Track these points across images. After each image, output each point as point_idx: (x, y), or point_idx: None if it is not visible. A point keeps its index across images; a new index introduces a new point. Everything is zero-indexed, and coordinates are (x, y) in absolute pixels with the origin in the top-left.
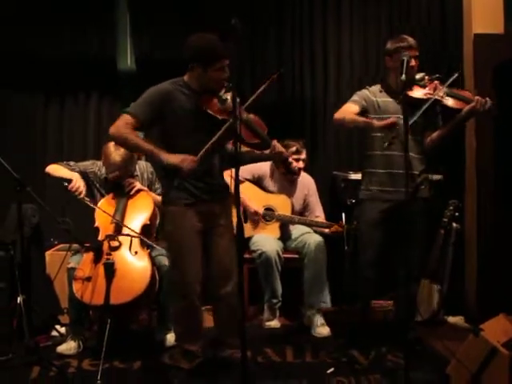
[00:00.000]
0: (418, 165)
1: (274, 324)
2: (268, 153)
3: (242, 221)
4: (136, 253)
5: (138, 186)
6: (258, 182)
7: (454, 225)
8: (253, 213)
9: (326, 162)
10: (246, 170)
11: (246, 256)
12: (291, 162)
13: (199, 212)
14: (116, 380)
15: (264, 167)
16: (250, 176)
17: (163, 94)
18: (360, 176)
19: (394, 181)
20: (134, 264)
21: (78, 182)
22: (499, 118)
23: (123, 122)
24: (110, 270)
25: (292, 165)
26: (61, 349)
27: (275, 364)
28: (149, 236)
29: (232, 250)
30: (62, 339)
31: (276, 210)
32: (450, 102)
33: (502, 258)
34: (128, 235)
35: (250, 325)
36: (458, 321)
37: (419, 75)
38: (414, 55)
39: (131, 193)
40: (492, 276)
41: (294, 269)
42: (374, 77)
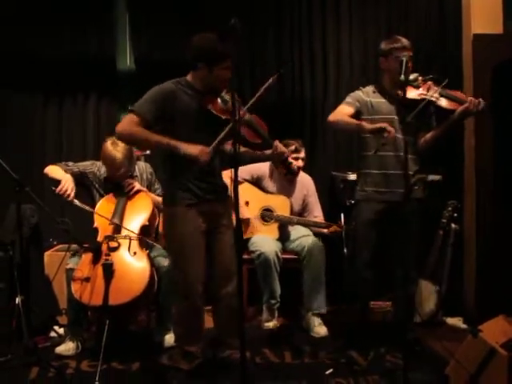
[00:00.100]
0: (412, 165)
1: (272, 325)
2: (270, 153)
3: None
4: (135, 253)
5: (138, 186)
6: (256, 182)
7: (453, 225)
8: (244, 219)
9: (325, 162)
10: (245, 171)
11: (245, 257)
12: (291, 162)
13: (202, 212)
14: (114, 381)
15: (263, 168)
16: (248, 177)
17: (167, 93)
18: None
19: (389, 181)
20: (133, 265)
21: (66, 185)
22: (498, 118)
23: (128, 121)
24: (109, 271)
25: (292, 164)
26: (59, 349)
27: (274, 365)
28: (148, 237)
29: (233, 250)
30: (60, 340)
31: (275, 210)
32: (444, 103)
33: (500, 258)
34: (127, 236)
35: (248, 325)
36: (456, 322)
37: (413, 76)
38: (409, 56)
39: (131, 193)
40: (491, 277)
41: (292, 269)
42: (373, 77)
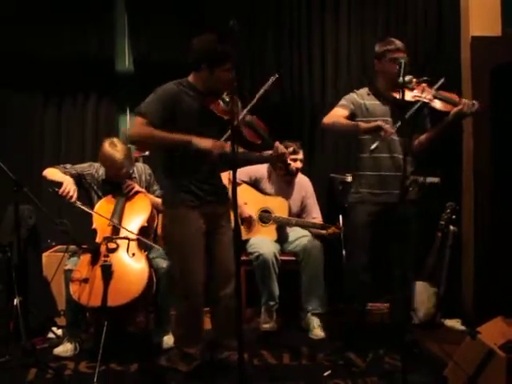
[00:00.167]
0: (407, 167)
1: (270, 326)
2: (270, 153)
3: (239, 223)
4: (133, 255)
5: (137, 187)
6: (255, 184)
7: (451, 227)
8: (247, 217)
9: (324, 164)
10: (243, 172)
11: (243, 258)
12: (290, 163)
13: (203, 214)
14: (113, 382)
15: (261, 169)
16: (247, 178)
17: (172, 94)
18: None
19: (384, 183)
20: (132, 266)
21: (69, 187)
22: (496, 120)
23: (140, 124)
24: (108, 272)
25: (290, 166)
26: (57, 351)
27: (272, 366)
28: (146, 238)
29: (232, 251)
30: (58, 341)
31: (273, 212)
32: (438, 105)
33: (499, 260)
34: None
35: (246, 327)
36: (454, 323)
37: (407, 78)
38: (407, 58)
39: (130, 194)
40: (489, 279)
41: (291, 271)
42: (371, 79)
